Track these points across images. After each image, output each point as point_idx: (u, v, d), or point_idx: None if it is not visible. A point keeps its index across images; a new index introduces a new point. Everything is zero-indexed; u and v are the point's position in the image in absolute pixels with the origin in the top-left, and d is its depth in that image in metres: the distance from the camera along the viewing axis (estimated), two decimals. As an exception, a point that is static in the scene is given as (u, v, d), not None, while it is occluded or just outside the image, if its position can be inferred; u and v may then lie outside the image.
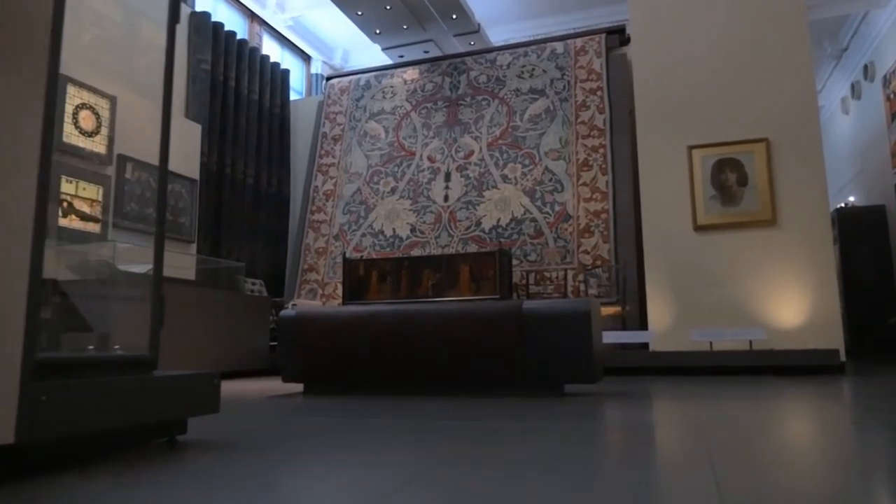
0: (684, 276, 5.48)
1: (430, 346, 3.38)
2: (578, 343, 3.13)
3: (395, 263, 6.51)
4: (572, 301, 3.27)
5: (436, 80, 8.17)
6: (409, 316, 3.47)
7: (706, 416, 2.35)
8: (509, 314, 3.27)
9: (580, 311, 3.16)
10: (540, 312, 3.23)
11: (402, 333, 3.44)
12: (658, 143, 5.78)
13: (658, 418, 2.53)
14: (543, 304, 3.33)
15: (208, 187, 7.13)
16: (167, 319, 5.10)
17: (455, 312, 3.40)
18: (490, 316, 3.31)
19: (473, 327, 3.32)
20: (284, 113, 8.67)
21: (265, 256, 8.01)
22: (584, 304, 3.18)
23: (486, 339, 3.27)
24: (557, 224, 6.82)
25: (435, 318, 3.40)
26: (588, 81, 7.37)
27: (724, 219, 5.43)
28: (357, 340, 3.52)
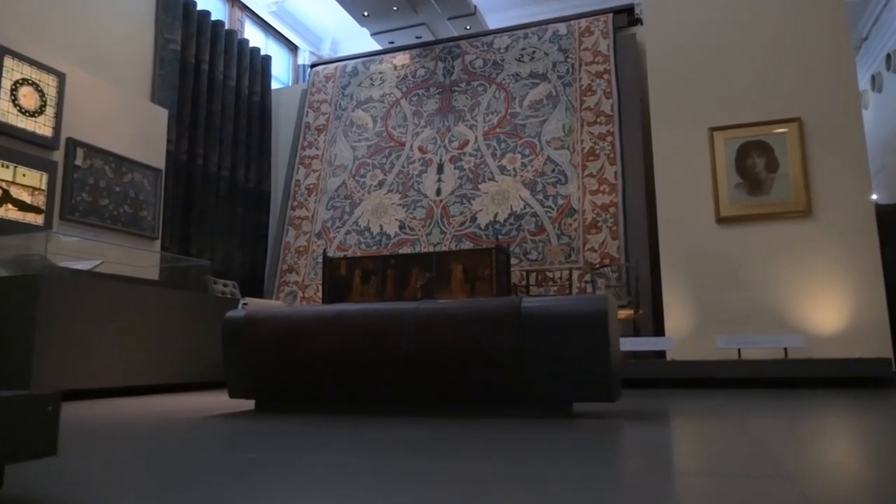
0: (706, 275, 4.82)
1: (407, 354, 2.72)
2: (593, 351, 2.47)
3: (380, 262, 5.85)
4: (585, 299, 2.60)
5: (428, 65, 7.53)
6: (382, 317, 2.80)
7: (768, 449, 1.69)
8: (505, 315, 2.61)
9: (595, 310, 2.49)
10: (543, 313, 2.57)
11: (373, 339, 2.78)
12: (674, 125, 5.13)
13: (699, 452, 1.86)
14: (548, 302, 2.66)
15: (176, 179, 6.48)
16: (121, 323, 4.29)
17: (437, 313, 2.73)
18: (480, 317, 2.64)
19: (460, 331, 2.65)
20: (265, 102, 8.02)
21: (242, 256, 7.35)
22: (600, 302, 2.52)
23: (476, 347, 2.61)
24: (561, 219, 6.16)
25: (413, 319, 2.74)
26: (594, 64, 6.73)
27: (752, 209, 4.77)
28: (318, 347, 2.86)
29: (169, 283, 5.89)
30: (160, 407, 3.41)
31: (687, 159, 5.04)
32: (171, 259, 5.97)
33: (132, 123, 5.86)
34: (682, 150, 5.08)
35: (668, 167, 5.13)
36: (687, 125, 5.07)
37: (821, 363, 4.15)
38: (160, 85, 6.49)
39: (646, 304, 5.38)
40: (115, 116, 5.69)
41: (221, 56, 7.25)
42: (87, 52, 5.73)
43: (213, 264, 6.89)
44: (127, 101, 5.86)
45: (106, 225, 5.46)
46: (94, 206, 5.37)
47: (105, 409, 3.36)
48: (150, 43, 6.51)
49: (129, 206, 5.70)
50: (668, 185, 5.13)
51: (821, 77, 4.76)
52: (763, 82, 4.90)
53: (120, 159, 5.63)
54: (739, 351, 4.38)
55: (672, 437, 2.11)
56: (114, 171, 5.57)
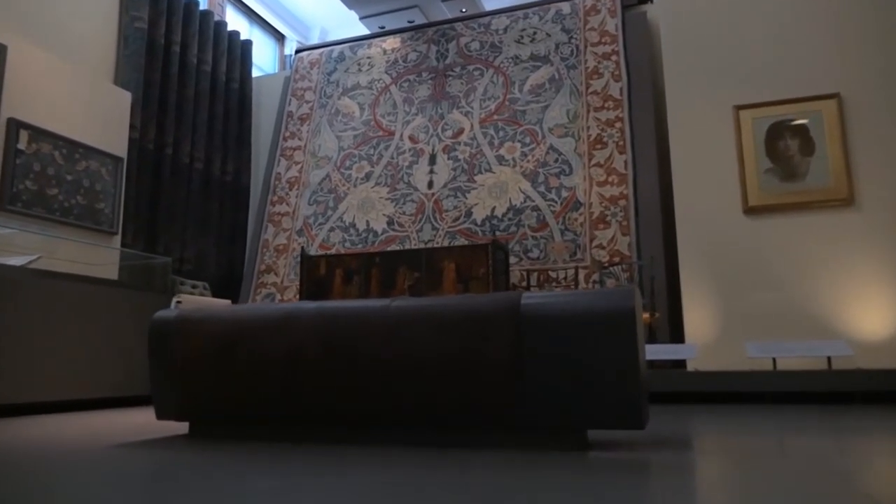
0: (732, 274, 4.22)
1: (374, 366, 2.11)
2: (616, 362, 1.87)
3: (363, 260, 5.26)
4: (604, 293, 1.99)
5: (420, 48, 6.95)
6: (343, 319, 2.20)
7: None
8: (499, 315, 2.00)
9: (619, 308, 1.89)
10: (550, 312, 1.96)
11: (330, 346, 2.17)
12: (694, 104, 4.54)
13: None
14: (556, 298, 2.05)
15: (141, 169, 5.88)
16: (67, 328, 3.61)
17: (413, 313, 2.13)
18: (468, 318, 2.04)
19: (442, 336, 2.04)
20: (245, 90, 7.44)
21: (218, 255, 6.74)
22: (624, 297, 1.91)
23: (462, 356, 2.01)
24: (565, 213, 5.56)
25: (382, 321, 2.13)
26: (601, 45, 6.15)
27: (785, 198, 4.18)
28: (264, 356, 2.25)
29: (131, 283, 5.29)
30: (84, 429, 2.80)
31: (709, 143, 4.45)
32: (129, 256, 5.37)
33: (89, 106, 5.27)
34: (703, 132, 4.48)
35: (687, 152, 4.54)
36: (708, 104, 4.48)
37: (872, 374, 3.54)
38: (124, 66, 5.90)
39: (661, 306, 4.78)
40: (68, 97, 5.10)
41: (195, 38, 6.66)
42: (35, 22, 5.15)
43: (185, 264, 6.29)
44: (83, 81, 5.27)
45: (55, 217, 4.86)
46: (41, 195, 4.77)
47: (15, 430, 2.75)
48: (114, 19, 5.93)
49: (83, 196, 5.09)
50: (687, 173, 4.53)
51: (862, 47, 4.17)
52: (795, 54, 4.31)
53: (73, 144, 5.03)
54: (774, 360, 3.77)
55: (731, 482, 1.50)
56: (65, 158, 4.97)
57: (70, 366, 4.05)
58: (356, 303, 2.28)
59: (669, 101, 4.72)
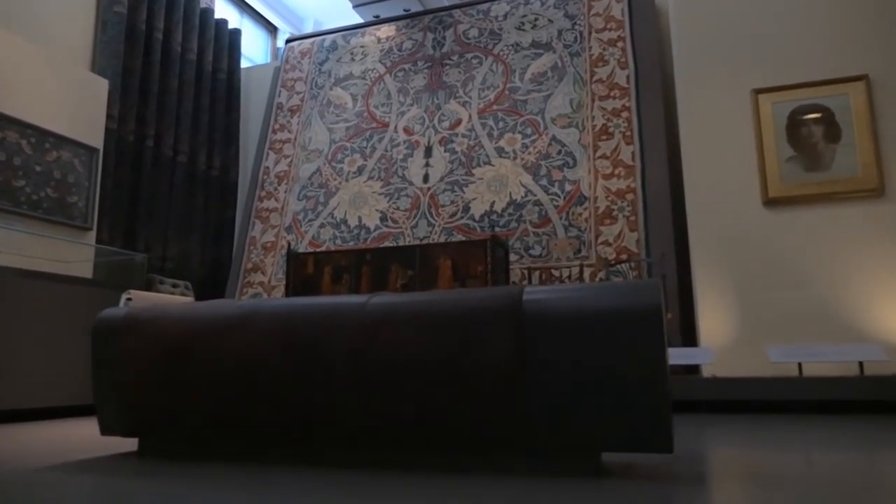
0: (751, 271, 3.88)
1: (347, 375, 1.78)
2: (639, 371, 1.53)
3: (354, 258, 4.92)
4: (625, 287, 1.66)
5: (416, 36, 6.62)
6: (311, 318, 1.86)
7: None
8: (497, 313, 1.67)
9: (644, 306, 1.55)
10: (558, 310, 1.63)
11: (295, 350, 1.83)
12: (708, 88, 4.21)
13: None
14: (565, 293, 1.72)
15: (120, 162, 5.54)
16: (30, 329, 3.26)
17: (395, 311, 1.79)
18: (460, 317, 1.70)
19: (428, 339, 1.71)
20: (233, 81, 7.11)
21: (203, 253, 6.41)
22: (648, 292, 1.58)
23: (452, 363, 1.67)
24: (569, 208, 5.23)
25: (357, 321, 1.80)
26: (606, 31, 5.82)
27: (808, 189, 3.85)
28: (220, 362, 1.92)
29: (107, 282, 4.96)
30: (24, 444, 2.46)
31: (724, 130, 4.12)
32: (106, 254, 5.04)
33: (62, 93, 4.94)
34: (717, 119, 4.15)
35: (701, 141, 4.21)
36: (724, 88, 4.15)
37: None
38: (101, 52, 5.58)
39: (673, 307, 4.44)
40: (38, 83, 4.77)
41: (179, 25, 6.34)
42: (4, 2, 4.82)
43: (167, 262, 5.96)
44: (55, 66, 4.94)
45: (21, 210, 4.52)
46: (6, 187, 4.43)
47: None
48: (92, 3, 5.60)
49: (53, 189, 4.76)
50: (700, 163, 4.20)
51: (893, 24, 3.85)
52: (819, 32, 3.98)
53: (42, 133, 4.70)
54: (800, 366, 3.44)
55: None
56: (33, 147, 4.64)
57: (37, 372, 3.72)
58: (328, 299, 1.94)
59: (681, 87, 4.39)
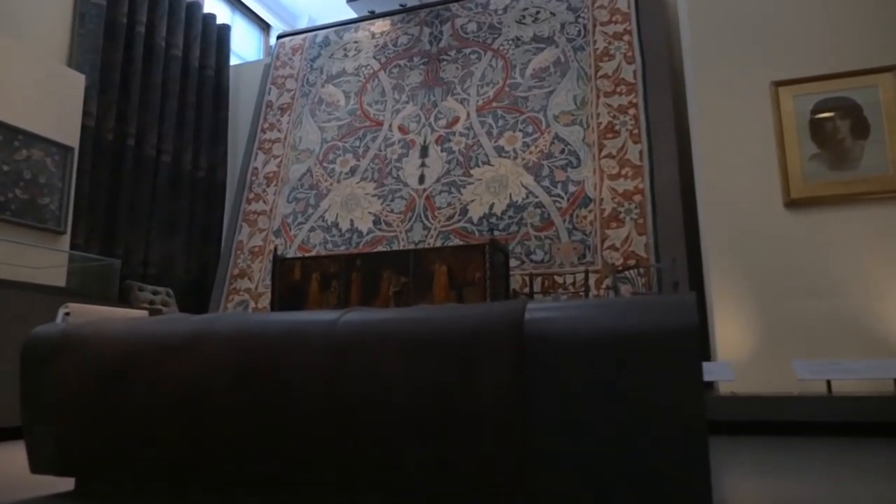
0: (773, 278, 3.57)
1: (314, 409, 1.47)
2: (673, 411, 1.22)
3: (343, 263, 4.62)
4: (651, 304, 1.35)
5: (411, 31, 6.33)
6: (272, 340, 1.55)
7: None
8: (492, 338, 1.36)
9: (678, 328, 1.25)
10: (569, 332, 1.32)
11: (252, 380, 1.52)
12: (722, 81, 3.91)
13: None
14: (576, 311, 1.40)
15: (98, 161, 5.24)
16: (4, 341, 2.58)
17: (370, 332, 1.48)
18: (448, 340, 1.39)
19: (410, 367, 1.40)
20: (221, 78, 6.81)
21: (188, 259, 6.11)
22: (682, 309, 1.27)
23: (439, 397, 1.37)
24: (573, 210, 4.92)
25: (326, 344, 1.48)
26: (611, 24, 5.52)
27: (834, 188, 3.54)
28: (163, 392, 1.61)
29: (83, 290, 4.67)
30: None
31: (741, 126, 3.82)
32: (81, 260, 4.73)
33: (33, 87, 4.64)
34: (733, 113, 3.85)
35: (715, 138, 3.90)
36: (740, 81, 3.85)
37: (952, 401, 2.89)
38: (79, 46, 5.28)
39: (686, 316, 4.13)
40: (6, 76, 4.47)
41: (164, 19, 6.04)
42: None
43: (149, 268, 5.66)
44: (26, 59, 4.65)
45: (-15, 213, 4.23)
46: (-30, 188, 4.14)
47: None
48: (68, -6, 5.31)
49: (22, 190, 4.46)
50: (714, 162, 3.89)
51: (926, 11, 3.55)
52: (844, 19, 3.68)
53: (11, 130, 4.40)
54: (829, 383, 3.13)
55: None
56: (0, 145, 4.35)
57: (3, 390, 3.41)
58: (291, 316, 1.63)
59: (692, 80, 4.09)
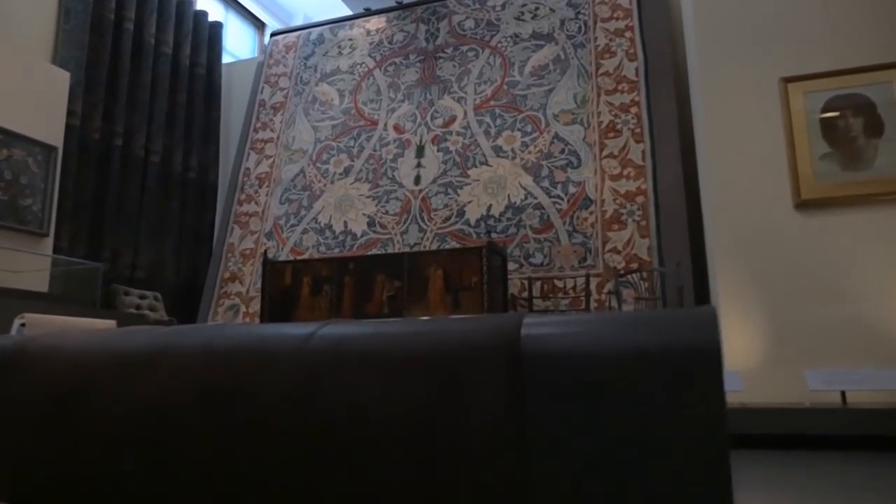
0: (783, 283, 3.42)
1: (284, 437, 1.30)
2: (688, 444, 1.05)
3: (335, 267, 4.46)
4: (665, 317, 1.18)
5: (408, 28, 6.18)
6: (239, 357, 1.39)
7: None
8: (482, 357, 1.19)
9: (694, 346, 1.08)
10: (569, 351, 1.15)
11: (217, 403, 1.36)
12: (728, 77, 3.76)
13: None
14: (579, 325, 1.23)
15: (83, 162, 5.09)
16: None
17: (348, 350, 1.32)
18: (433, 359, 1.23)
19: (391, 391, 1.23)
20: (213, 77, 6.66)
21: (178, 262, 5.95)
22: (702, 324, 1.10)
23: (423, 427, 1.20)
24: (573, 212, 4.77)
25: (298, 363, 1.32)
26: (612, 20, 5.37)
27: (847, 189, 3.39)
28: (120, 416, 1.45)
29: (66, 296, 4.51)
30: None
31: (748, 124, 3.67)
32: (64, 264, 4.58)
33: (14, 85, 4.50)
34: (740, 111, 3.70)
35: (721, 136, 3.75)
36: (747, 77, 3.70)
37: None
38: (64, 42, 5.13)
39: (691, 322, 3.98)
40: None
41: (153, 16, 5.89)
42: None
43: (137, 271, 5.50)
44: (7, 56, 4.50)
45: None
46: (-54, 189, 3.99)
47: None
48: (52, -11, 5.16)
49: (3, 191, 4.31)
50: (720, 162, 3.74)
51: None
52: (857, 12, 3.53)
53: (-10, 130, 4.26)
54: (844, 394, 2.97)
55: None
56: (-21, 145, 4.20)
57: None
58: (261, 330, 1.46)
59: (697, 77, 3.94)
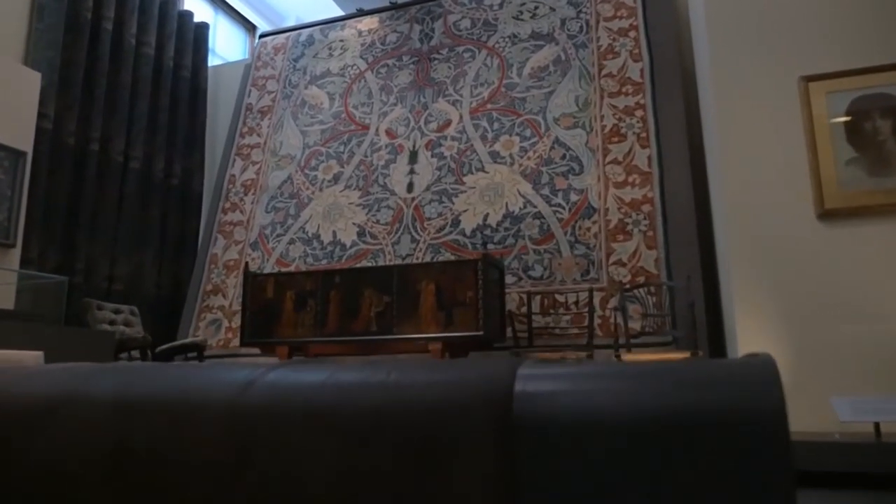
0: (805, 301, 3.12)
1: (210, 514, 0.99)
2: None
3: (321, 281, 4.17)
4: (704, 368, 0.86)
5: (401, 28, 5.90)
6: (157, 412, 1.09)
7: None
8: (465, 426, 0.88)
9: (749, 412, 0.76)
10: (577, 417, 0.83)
11: (133, 465, 1.06)
12: (744, 76, 3.47)
13: None
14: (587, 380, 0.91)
15: (55, 168, 4.81)
16: None
17: (290, 405, 1.01)
18: (399, 430, 0.92)
19: (348, 465, 0.93)
20: (198, 80, 6.38)
21: (159, 273, 5.65)
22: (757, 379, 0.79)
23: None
24: (575, 221, 4.48)
25: (230, 421, 1.02)
26: (616, 19, 5.10)
27: (875, 197, 3.09)
28: (14, 481, 1.14)
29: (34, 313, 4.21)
30: None
31: (765, 126, 3.38)
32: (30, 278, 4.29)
33: (-21, 86, 4.22)
34: (756, 113, 3.41)
35: (735, 140, 3.46)
36: (764, 75, 3.41)
37: None
38: (36, 42, 4.85)
39: (702, 343, 3.69)
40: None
41: (134, 15, 5.62)
42: None
43: (114, 283, 5.21)
44: (-28, 56, 4.23)
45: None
46: None
47: None
48: (24, -14, 4.89)
49: (-37, 199, 4.03)
50: (735, 168, 3.45)
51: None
52: (886, 4, 3.25)
53: (-50, 133, 3.97)
54: (877, 426, 2.67)
55: None
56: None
57: None
58: (191, 377, 1.16)
59: (709, 77, 3.65)
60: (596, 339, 3.94)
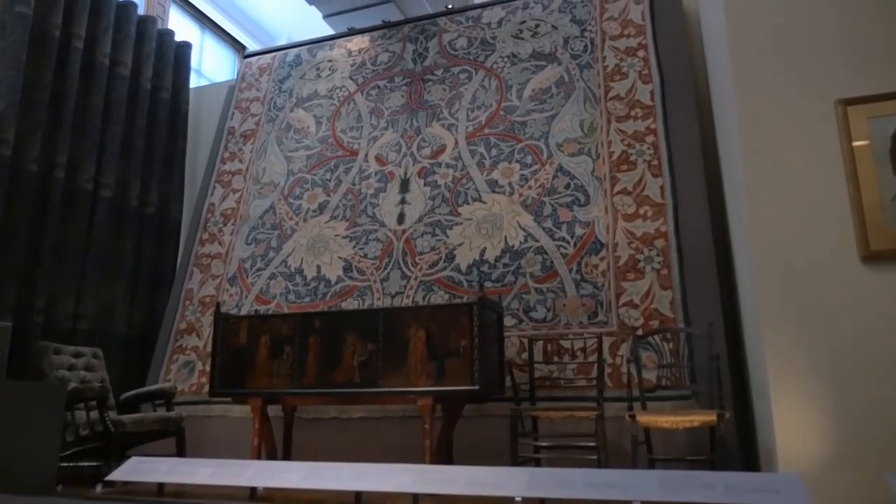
0: (850, 356, 2.70)
1: None
2: None
3: (298, 324, 3.74)
4: None
5: (394, 48, 5.54)
6: None
7: None
8: None
9: None
10: None
11: None
12: (771, 100, 3.08)
13: None
14: None
15: (15, 196, 4.41)
16: None
17: None
18: None
19: None
20: (178, 102, 6.01)
21: (130, 309, 5.22)
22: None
23: None
24: (581, 257, 4.07)
25: None
26: (623, 38, 4.73)
27: (929, 239, 2.69)
28: None
29: None
30: None
31: (797, 156, 2.98)
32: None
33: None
34: (786, 141, 3.01)
35: (763, 169, 3.06)
36: (796, 99, 3.02)
37: None
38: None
39: (726, 401, 3.25)
40: None
41: (108, 34, 5.26)
42: None
43: (80, 322, 4.78)
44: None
45: None
46: None
47: None
48: (-15, 2, 4.53)
49: None
50: (762, 201, 3.04)
51: None
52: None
53: None
54: (948, 513, 2.24)
55: None
56: None
57: None
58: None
59: (730, 100, 3.26)
60: (606, 390, 3.52)
